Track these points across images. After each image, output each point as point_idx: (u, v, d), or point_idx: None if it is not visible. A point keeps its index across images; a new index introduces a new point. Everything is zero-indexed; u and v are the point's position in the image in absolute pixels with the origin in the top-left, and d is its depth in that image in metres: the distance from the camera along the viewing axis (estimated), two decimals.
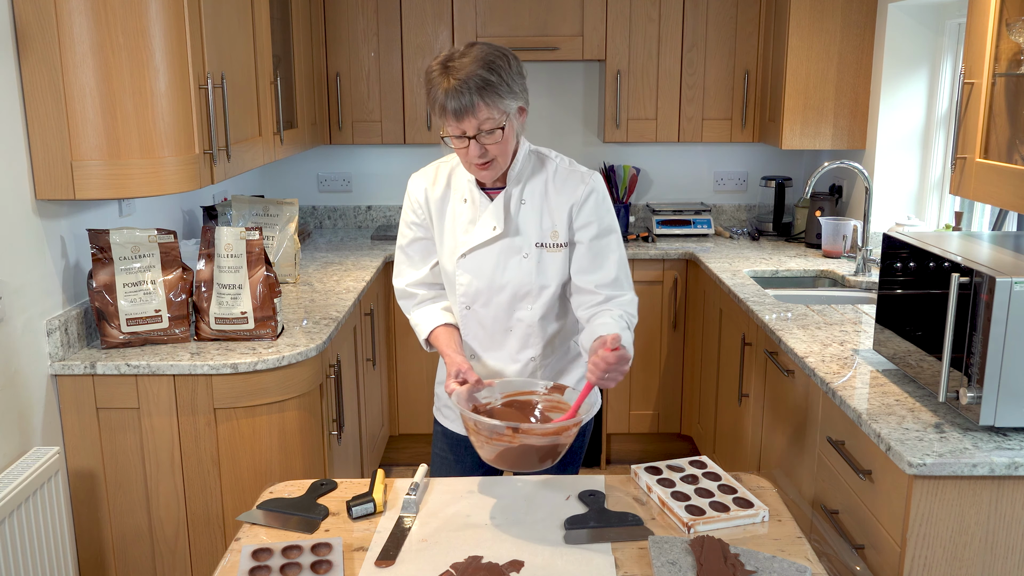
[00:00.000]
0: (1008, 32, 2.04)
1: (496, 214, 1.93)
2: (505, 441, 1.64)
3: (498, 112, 1.78)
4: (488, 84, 1.75)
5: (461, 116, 1.76)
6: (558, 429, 1.65)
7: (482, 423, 1.65)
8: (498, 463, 1.70)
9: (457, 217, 1.97)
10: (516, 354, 2.01)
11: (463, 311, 2.01)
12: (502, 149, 1.84)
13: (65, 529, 2.22)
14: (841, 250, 3.61)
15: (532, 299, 1.96)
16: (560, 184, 1.94)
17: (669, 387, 3.91)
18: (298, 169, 4.36)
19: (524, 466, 1.69)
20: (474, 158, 1.82)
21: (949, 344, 1.84)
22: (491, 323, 2.00)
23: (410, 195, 2.02)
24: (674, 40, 3.89)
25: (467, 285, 1.97)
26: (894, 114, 3.54)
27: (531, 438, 1.64)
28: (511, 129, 1.83)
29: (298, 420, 2.44)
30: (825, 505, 2.18)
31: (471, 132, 1.78)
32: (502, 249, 1.94)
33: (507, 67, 1.80)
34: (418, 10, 3.85)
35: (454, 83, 1.74)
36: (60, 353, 2.33)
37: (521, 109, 1.86)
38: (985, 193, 2.12)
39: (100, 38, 2.17)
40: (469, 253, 1.95)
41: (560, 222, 1.94)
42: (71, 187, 2.23)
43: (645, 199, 4.37)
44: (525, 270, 1.94)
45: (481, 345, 2.03)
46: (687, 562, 1.51)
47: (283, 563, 1.55)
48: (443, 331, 2.01)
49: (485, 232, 1.93)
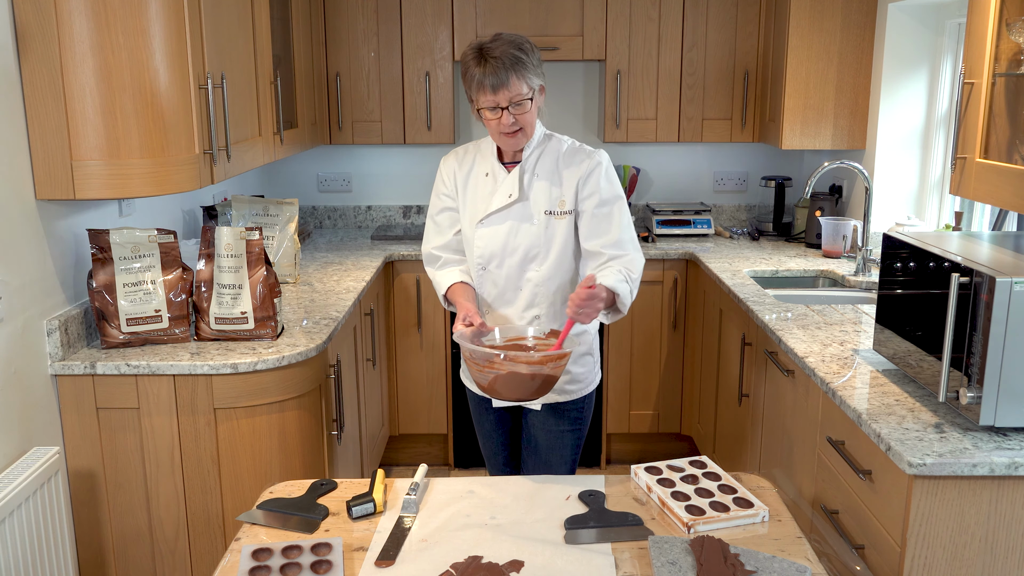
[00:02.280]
0: (1008, 32, 2.04)
1: (512, 183, 2.20)
2: (495, 368, 1.87)
3: (527, 86, 2.08)
4: (519, 61, 2.06)
5: (498, 88, 2.05)
6: (543, 359, 1.87)
7: (476, 352, 1.89)
8: (492, 392, 1.92)
9: (479, 188, 2.25)
10: (523, 311, 2.25)
11: (479, 272, 2.27)
12: (529, 119, 2.13)
13: (65, 529, 2.22)
14: (841, 250, 3.61)
15: (540, 261, 2.22)
16: (569, 159, 2.21)
17: (669, 387, 3.91)
18: (298, 169, 4.36)
19: (516, 394, 1.91)
20: (506, 127, 2.10)
21: (949, 344, 1.84)
22: (504, 282, 2.25)
23: (441, 171, 2.32)
24: (674, 40, 3.89)
25: (483, 247, 2.24)
26: (894, 114, 3.54)
27: (518, 366, 1.87)
28: (535, 102, 2.13)
29: (298, 420, 2.44)
30: (825, 505, 2.18)
31: (504, 103, 2.07)
32: (515, 216, 2.21)
33: (531, 50, 2.11)
34: (418, 10, 3.85)
35: (492, 62, 2.04)
36: (60, 353, 2.33)
37: (542, 88, 2.15)
38: (985, 193, 2.12)
39: (100, 38, 2.17)
40: (486, 218, 2.22)
41: (568, 192, 2.19)
42: (71, 187, 2.23)
43: (645, 199, 4.37)
44: (534, 234, 2.20)
45: (494, 302, 2.28)
46: (687, 562, 1.51)
47: (283, 563, 1.55)
48: (459, 287, 2.26)
49: (502, 199, 2.20)
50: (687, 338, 3.84)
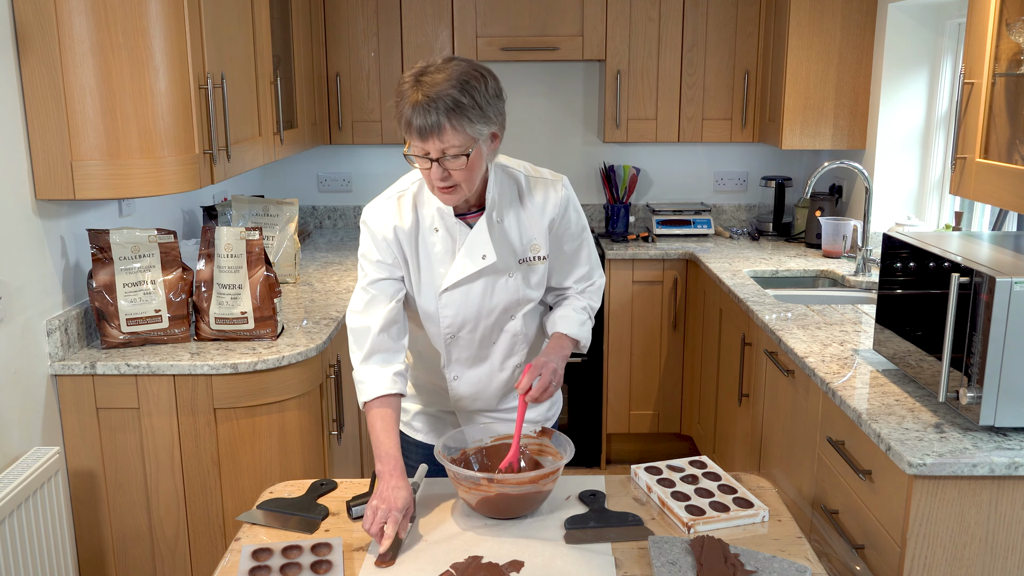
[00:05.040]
0: (1008, 32, 2.04)
1: (483, 242, 1.81)
2: (483, 491, 1.67)
3: (465, 137, 1.65)
4: (458, 106, 1.62)
5: (426, 136, 1.64)
6: (533, 478, 1.67)
7: (461, 474, 1.67)
8: (481, 510, 1.71)
9: (432, 249, 1.84)
10: (502, 363, 1.97)
11: (447, 340, 1.91)
12: (466, 176, 1.70)
13: (65, 529, 2.22)
14: (841, 250, 3.61)
15: (518, 309, 1.92)
16: (535, 195, 1.87)
17: (669, 387, 3.91)
18: (298, 169, 4.36)
19: (507, 513, 1.70)
20: (436, 180, 1.69)
21: (949, 344, 1.84)
22: (478, 343, 1.93)
23: (375, 233, 1.83)
24: (674, 40, 3.89)
25: (452, 317, 1.88)
26: (894, 114, 3.54)
27: (506, 487, 1.66)
28: (479, 156, 1.70)
29: (298, 420, 2.44)
30: (825, 505, 2.18)
31: (435, 154, 1.66)
32: (488, 275, 1.85)
33: (483, 89, 1.67)
34: (418, 10, 3.85)
35: (422, 99, 1.62)
36: (60, 353, 2.33)
37: (494, 135, 1.73)
38: (985, 193, 2.12)
39: (100, 38, 2.17)
40: (453, 287, 1.84)
41: (540, 235, 1.87)
42: (71, 187, 2.23)
43: (645, 199, 4.37)
44: (512, 289, 1.88)
45: (464, 365, 1.96)
46: (687, 562, 1.51)
47: (283, 563, 1.55)
48: (387, 412, 1.82)
49: (473, 263, 1.82)
50: (687, 338, 3.84)
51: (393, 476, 1.70)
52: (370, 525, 1.61)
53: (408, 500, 1.67)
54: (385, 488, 1.68)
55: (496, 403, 2.03)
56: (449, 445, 1.81)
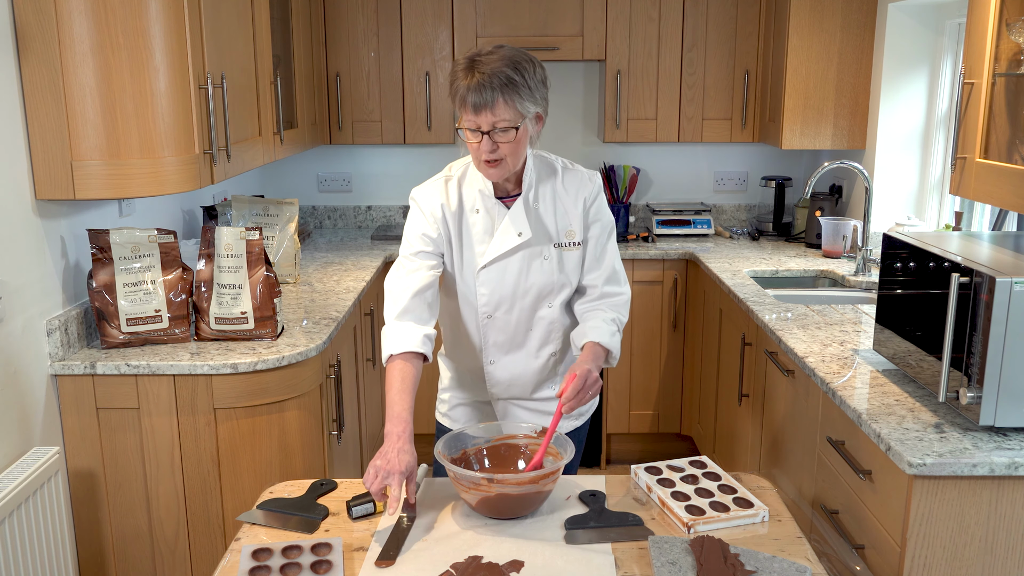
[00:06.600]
0: (1008, 32, 2.04)
1: (519, 220, 1.95)
2: (483, 491, 1.67)
3: (515, 112, 1.80)
4: (511, 82, 1.78)
5: (480, 109, 1.78)
6: (533, 479, 1.67)
7: (461, 474, 1.67)
8: (481, 510, 1.71)
9: (473, 228, 1.97)
10: (538, 351, 2.05)
11: (484, 320, 2.02)
12: (513, 150, 1.84)
13: (65, 529, 2.22)
14: (841, 250, 3.61)
15: (554, 296, 2.01)
16: (568, 184, 2.00)
17: (669, 387, 3.91)
18: (298, 169, 4.36)
19: (507, 513, 1.70)
20: (484, 153, 1.83)
21: (949, 344, 1.84)
22: (513, 326, 2.02)
23: (425, 211, 1.96)
24: (674, 40, 3.89)
25: (489, 295, 1.99)
26: (894, 114, 3.54)
27: (506, 487, 1.66)
28: (525, 132, 1.85)
29: (298, 420, 2.44)
30: (825, 505, 2.18)
31: (486, 127, 1.80)
32: (525, 254, 1.97)
33: (532, 72, 1.83)
34: (418, 10, 3.85)
35: (479, 77, 1.77)
36: (60, 353, 2.33)
37: (539, 116, 1.88)
38: (985, 193, 2.12)
39: (100, 38, 2.17)
40: (491, 264, 1.96)
41: (575, 220, 1.99)
42: (71, 187, 2.23)
43: (645, 199, 4.37)
44: (547, 271, 1.98)
45: (501, 349, 2.05)
46: (687, 562, 1.51)
47: (283, 563, 1.55)
48: (408, 372, 1.87)
49: (509, 240, 1.95)
50: (687, 338, 3.84)
51: (401, 439, 1.74)
52: (371, 483, 1.67)
53: (411, 465, 1.70)
54: (390, 449, 1.72)
55: (531, 391, 2.10)
56: (449, 445, 1.81)
